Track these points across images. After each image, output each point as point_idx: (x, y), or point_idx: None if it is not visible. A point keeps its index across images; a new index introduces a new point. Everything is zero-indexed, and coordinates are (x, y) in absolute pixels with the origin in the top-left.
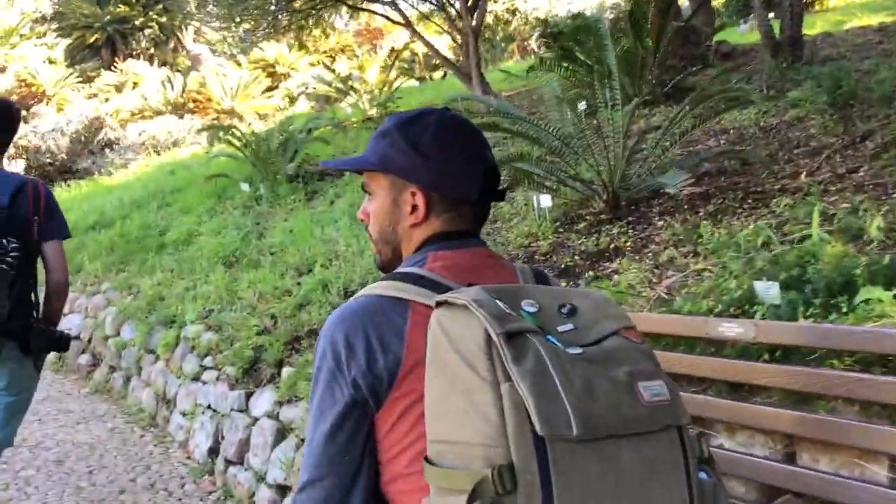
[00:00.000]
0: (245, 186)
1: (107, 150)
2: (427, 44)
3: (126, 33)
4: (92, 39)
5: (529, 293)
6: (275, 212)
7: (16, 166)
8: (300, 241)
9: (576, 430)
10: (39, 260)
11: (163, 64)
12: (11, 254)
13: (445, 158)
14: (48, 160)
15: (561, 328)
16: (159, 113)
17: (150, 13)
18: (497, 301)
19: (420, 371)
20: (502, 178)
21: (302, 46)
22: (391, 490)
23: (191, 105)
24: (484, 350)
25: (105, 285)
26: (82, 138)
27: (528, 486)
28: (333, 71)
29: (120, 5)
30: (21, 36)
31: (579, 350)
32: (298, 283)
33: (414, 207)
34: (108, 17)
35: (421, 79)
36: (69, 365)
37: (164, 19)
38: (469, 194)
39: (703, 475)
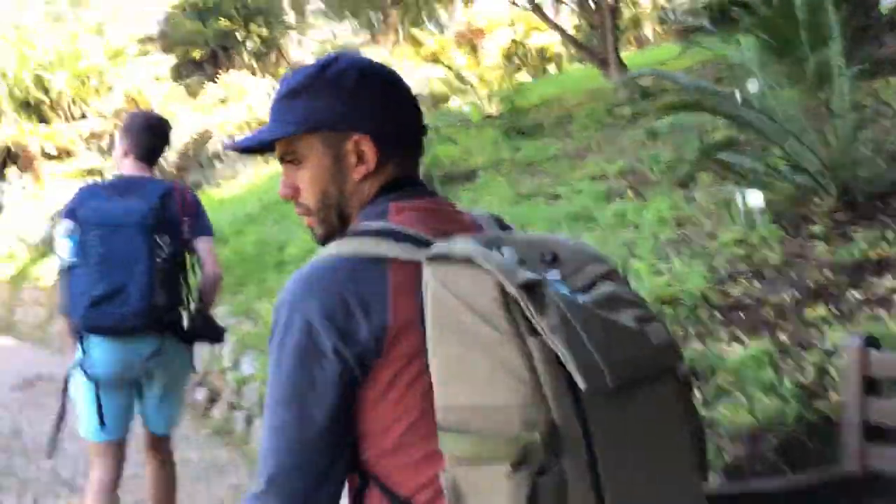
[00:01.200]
0: None
1: (215, 162)
2: (557, 28)
3: (228, 47)
4: (196, 55)
5: (508, 241)
6: None
7: None
8: None
9: (610, 382)
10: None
11: (266, 75)
12: (166, 249)
13: (380, 96)
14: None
15: (549, 277)
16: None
17: (252, 26)
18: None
19: (409, 335)
20: (689, 172)
21: (416, 43)
22: (383, 464)
23: None
24: (501, 305)
25: (221, 310)
26: (190, 152)
27: (574, 446)
28: (450, 68)
29: (221, 19)
30: (128, 56)
31: (586, 297)
32: None
33: (360, 157)
34: (211, 32)
35: (543, 70)
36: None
37: (265, 31)
38: (415, 131)
39: None
